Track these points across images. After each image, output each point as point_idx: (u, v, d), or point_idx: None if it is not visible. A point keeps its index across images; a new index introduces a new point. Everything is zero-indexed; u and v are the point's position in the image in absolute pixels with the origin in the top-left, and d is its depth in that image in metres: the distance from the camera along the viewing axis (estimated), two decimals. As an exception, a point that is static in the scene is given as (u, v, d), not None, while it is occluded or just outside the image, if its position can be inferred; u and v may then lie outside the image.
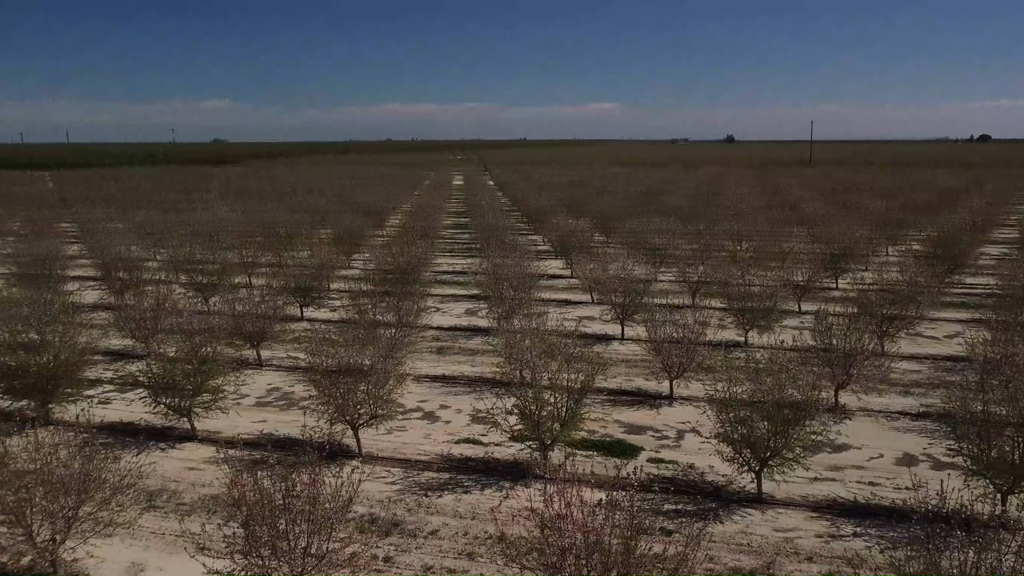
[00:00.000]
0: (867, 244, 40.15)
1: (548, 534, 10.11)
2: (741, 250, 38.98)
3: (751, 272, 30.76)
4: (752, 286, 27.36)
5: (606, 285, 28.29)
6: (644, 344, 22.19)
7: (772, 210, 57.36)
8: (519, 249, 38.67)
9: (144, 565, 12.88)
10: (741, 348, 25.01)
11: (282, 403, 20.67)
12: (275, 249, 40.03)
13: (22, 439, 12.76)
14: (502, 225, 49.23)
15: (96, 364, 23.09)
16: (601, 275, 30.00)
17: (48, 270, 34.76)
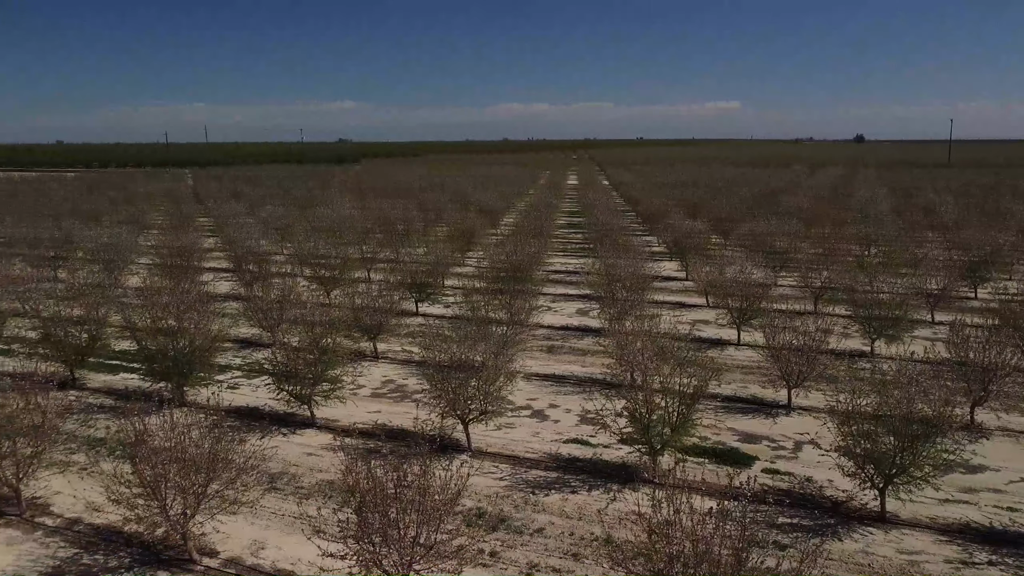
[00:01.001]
0: (1011, 252, 37.30)
1: (655, 540, 9.92)
2: (869, 255, 37.04)
3: (880, 278, 29.18)
4: (880, 293, 25.95)
5: (722, 288, 27.53)
6: (761, 350, 21.45)
7: (904, 214, 54.20)
8: (633, 250, 38.21)
9: (264, 543, 13.53)
10: (867, 358, 23.77)
11: (396, 395, 21.24)
12: (393, 245, 41.23)
13: (159, 418, 13.67)
14: (616, 225, 48.82)
15: (226, 351, 24.47)
16: (717, 278, 29.22)
17: (186, 261, 37.18)
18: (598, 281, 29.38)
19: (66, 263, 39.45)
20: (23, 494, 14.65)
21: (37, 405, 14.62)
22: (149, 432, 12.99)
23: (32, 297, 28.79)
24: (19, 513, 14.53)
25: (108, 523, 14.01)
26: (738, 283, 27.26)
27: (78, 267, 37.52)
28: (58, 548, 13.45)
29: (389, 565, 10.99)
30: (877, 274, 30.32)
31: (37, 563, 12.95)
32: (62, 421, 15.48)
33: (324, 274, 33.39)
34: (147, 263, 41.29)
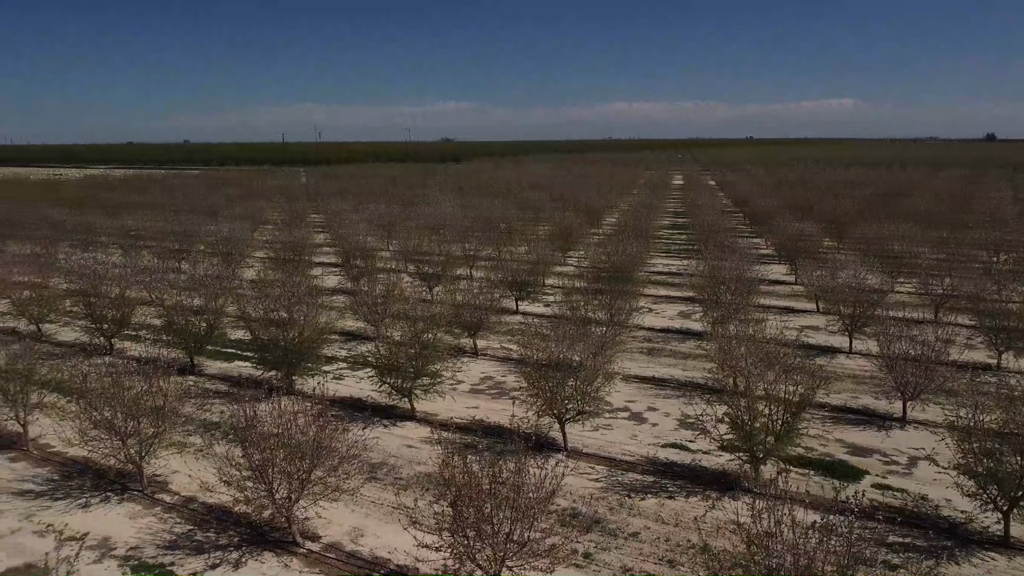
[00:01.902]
0: None
1: (755, 551, 9.60)
2: (999, 262, 34.69)
3: (1010, 287, 27.26)
4: (1010, 303, 24.22)
5: (834, 293, 26.38)
6: (875, 360, 20.43)
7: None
8: (739, 252, 37.17)
9: (363, 531, 13.91)
10: (992, 372, 22.26)
11: (494, 392, 21.41)
12: (495, 244, 41.62)
13: (269, 405, 14.27)
14: (722, 226, 47.61)
15: (333, 343, 25.31)
16: (829, 282, 28.03)
17: (297, 256, 38.72)
18: (702, 283, 28.74)
19: (188, 256, 41.78)
20: (145, 471, 15.59)
21: (159, 389, 15.52)
22: (259, 418, 13.58)
23: (158, 287, 30.67)
24: (141, 489, 15.49)
25: (220, 503, 14.74)
26: (851, 288, 26.06)
27: (199, 260, 39.70)
28: (174, 524, 14.25)
29: (482, 560, 11.09)
30: (1007, 282, 28.36)
31: (156, 537, 13.76)
32: (181, 404, 16.38)
33: (427, 271, 34.06)
34: (261, 257, 43.22)
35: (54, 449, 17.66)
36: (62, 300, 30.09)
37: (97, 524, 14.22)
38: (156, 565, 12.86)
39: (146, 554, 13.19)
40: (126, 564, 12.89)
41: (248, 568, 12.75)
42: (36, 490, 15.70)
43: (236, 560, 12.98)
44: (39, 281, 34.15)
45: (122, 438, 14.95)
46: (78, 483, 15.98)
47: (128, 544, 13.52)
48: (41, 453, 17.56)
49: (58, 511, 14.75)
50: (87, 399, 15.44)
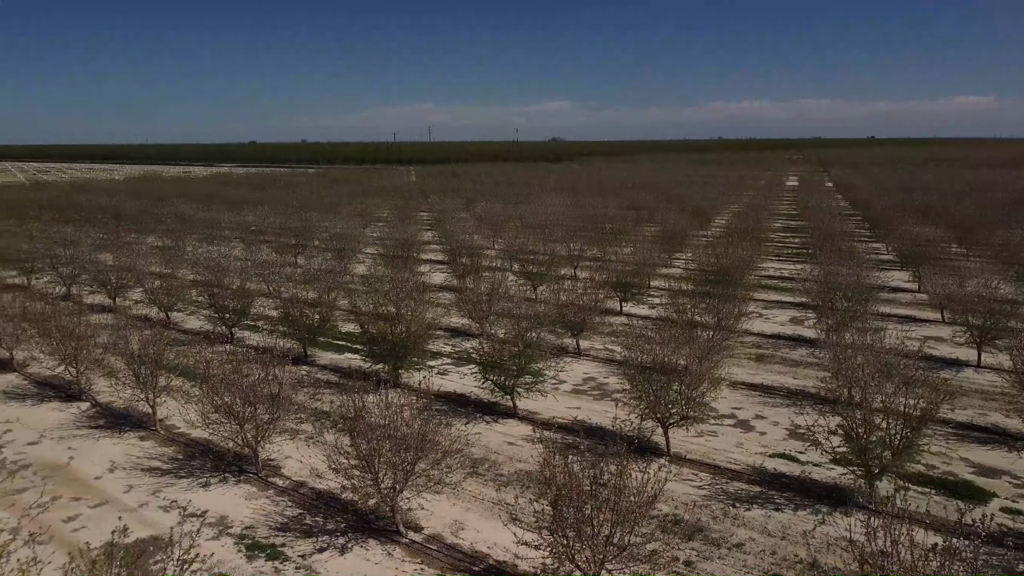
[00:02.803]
0: None
1: (868, 571, 9.13)
2: None
3: None
4: None
5: (962, 303, 24.78)
6: (1007, 375, 19.07)
7: None
8: (856, 257, 35.51)
9: (464, 524, 14.10)
10: None
11: (596, 393, 21.28)
12: (600, 244, 41.36)
13: (376, 397, 14.67)
14: (838, 230, 45.58)
15: (438, 339, 25.81)
16: (956, 291, 26.36)
17: (406, 253, 39.70)
18: (815, 289, 27.61)
19: (304, 251, 43.54)
20: (260, 455, 16.36)
21: (275, 377, 16.24)
22: (367, 409, 13.99)
23: (275, 280, 32.10)
24: (256, 472, 16.25)
25: (328, 489, 15.28)
26: (981, 297, 24.42)
27: (314, 255, 41.31)
28: (286, 507, 14.88)
29: (581, 561, 11.03)
30: None
31: (268, 518, 14.40)
32: (294, 393, 17.08)
33: (532, 270, 34.21)
34: (372, 253, 44.59)
35: (179, 430, 18.78)
36: (189, 290, 31.98)
37: (216, 503, 15.02)
38: (268, 545, 13.46)
39: (259, 534, 13.83)
40: (241, 542, 13.55)
41: (353, 554, 13.17)
42: (162, 468, 16.74)
43: (342, 545, 13.42)
44: (169, 272, 36.46)
45: (240, 422, 15.74)
46: (199, 463, 16.93)
47: (243, 523, 14.22)
48: (167, 433, 18.71)
49: (181, 488, 15.68)
50: (209, 384, 16.36)
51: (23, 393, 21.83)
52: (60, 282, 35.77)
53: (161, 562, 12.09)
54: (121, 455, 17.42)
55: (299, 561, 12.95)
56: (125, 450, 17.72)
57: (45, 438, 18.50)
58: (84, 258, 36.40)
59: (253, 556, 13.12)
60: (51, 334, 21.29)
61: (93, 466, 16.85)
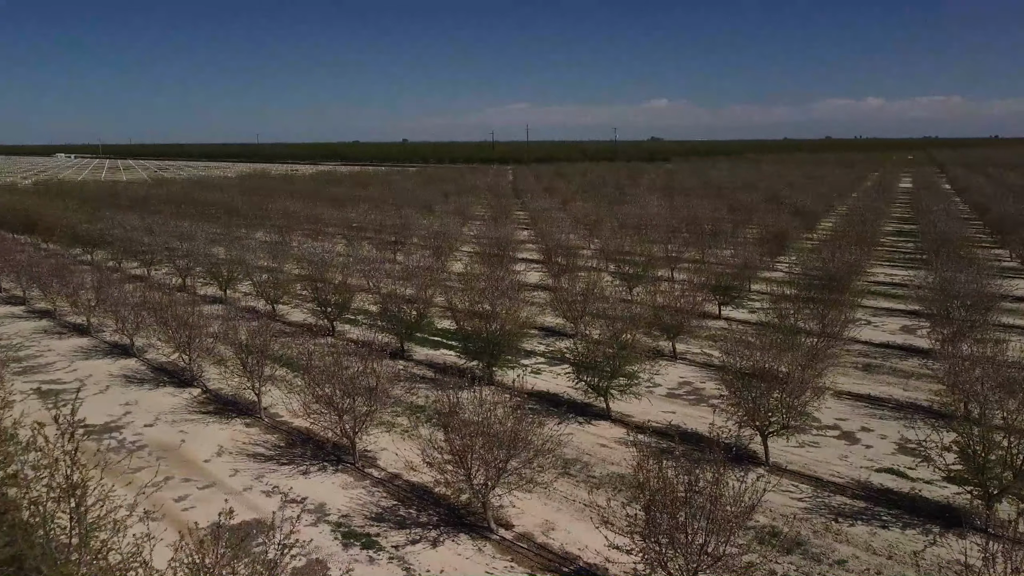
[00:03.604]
0: None
1: (986, 599, 8.56)
2: None
3: None
4: None
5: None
6: None
7: None
8: (976, 263, 33.44)
9: (554, 525, 14.05)
10: None
11: (692, 398, 20.82)
12: (699, 245, 40.51)
13: (470, 394, 14.80)
14: (957, 235, 43.08)
15: (532, 337, 25.84)
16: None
17: (502, 251, 39.96)
18: (930, 296, 26.16)
19: (403, 247, 44.47)
20: (357, 446, 16.78)
21: (373, 370, 16.61)
22: (461, 405, 14.13)
23: (375, 276, 32.89)
24: (353, 462, 16.68)
25: (422, 482, 15.52)
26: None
27: (412, 251, 42.13)
28: (381, 498, 15.21)
29: (674, 568, 10.79)
30: None
31: (364, 508, 14.76)
32: (391, 386, 17.43)
33: (628, 270, 33.82)
34: (468, 251, 45.11)
35: (282, 418, 19.50)
36: (293, 284, 33.17)
37: (315, 490, 15.50)
38: (363, 534, 13.79)
39: (355, 523, 14.19)
40: (338, 530, 13.94)
41: (445, 547, 13.33)
42: (265, 454, 17.41)
43: (434, 538, 13.61)
44: (275, 266, 37.94)
45: (339, 413, 16.19)
46: (300, 451, 17.52)
47: (340, 512, 14.61)
48: (271, 421, 19.45)
49: (283, 475, 16.26)
50: (311, 375, 16.90)
51: (141, 378, 23.17)
52: (176, 274, 37.80)
53: (263, 545, 12.55)
54: (228, 440, 18.23)
55: (392, 551, 13.21)
56: (232, 435, 18.54)
57: (160, 421, 19.57)
58: (198, 251, 38.34)
59: (349, 544, 13.47)
60: (167, 323, 22.49)
61: (202, 449, 17.71)
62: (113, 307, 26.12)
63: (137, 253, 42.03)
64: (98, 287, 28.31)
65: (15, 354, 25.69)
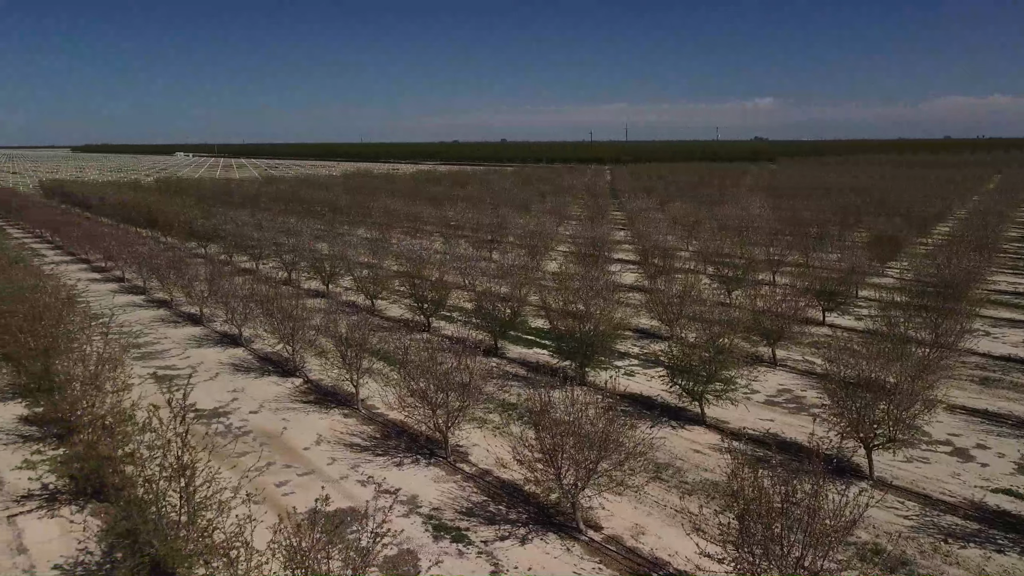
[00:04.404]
0: None
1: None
2: None
3: None
4: None
5: None
6: None
7: None
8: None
9: (645, 529, 13.85)
10: None
11: (791, 406, 20.12)
12: (803, 249, 39.13)
13: (562, 393, 14.77)
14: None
15: (626, 339, 25.56)
16: None
17: (597, 251, 39.71)
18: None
19: (499, 246, 44.83)
20: (449, 441, 17.02)
21: (466, 367, 16.81)
22: (552, 404, 14.12)
23: (471, 273, 33.30)
24: (445, 456, 16.93)
25: (511, 480, 15.60)
26: None
27: (508, 250, 42.39)
28: (471, 493, 15.37)
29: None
30: None
31: (455, 502, 14.95)
32: (484, 383, 17.59)
33: (727, 273, 33.01)
34: (563, 251, 45.03)
35: (378, 411, 20.00)
36: (392, 280, 33.97)
37: (407, 482, 15.82)
38: (453, 528, 13.97)
39: (445, 516, 14.40)
40: (428, 522, 14.17)
41: (533, 545, 13.35)
42: (361, 444, 17.89)
43: (523, 536, 13.65)
44: (375, 262, 38.96)
45: (432, 408, 16.46)
46: (394, 443, 17.91)
47: (431, 504, 14.86)
48: (368, 412, 19.98)
49: (377, 466, 16.67)
50: (406, 369, 17.26)
51: (248, 366, 24.22)
52: (283, 268, 39.35)
53: (356, 533, 12.91)
54: (327, 429, 18.84)
55: (481, 546, 13.33)
56: (330, 425, 19.14)
57: (264, 408, 20.40)
58: (303, 247, 39.81)
59: (439, 537, 13.67)
60: (273, 315, 23.43)
61: (302, 437, 18.36)
62: (224, 298, 27.44)
63: (247, 247, 44.01)
64: (210, 279, 29.80)
65: (135, 340, 27.34)
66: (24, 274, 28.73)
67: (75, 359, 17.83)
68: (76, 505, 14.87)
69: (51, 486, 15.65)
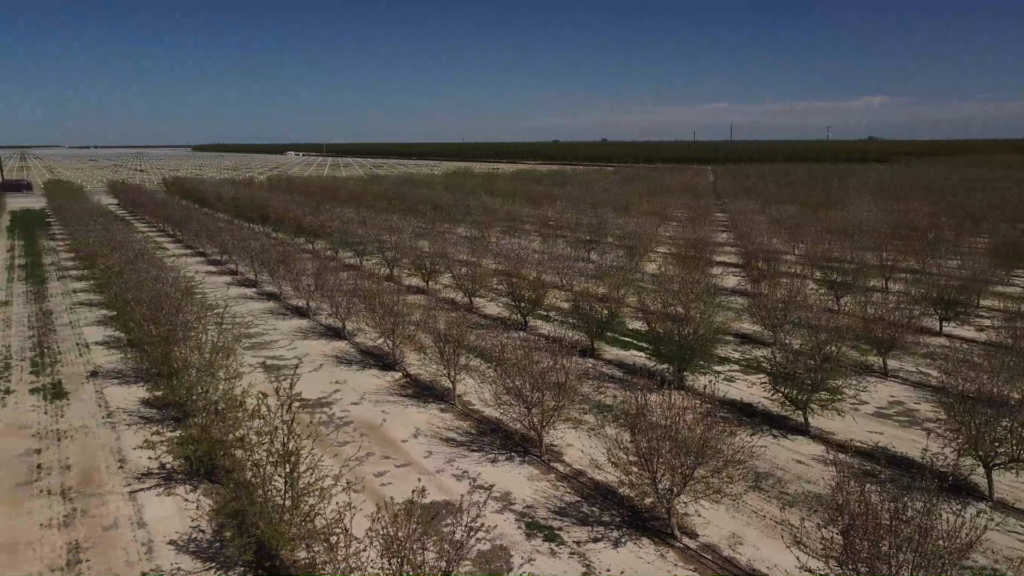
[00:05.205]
0: None
1: None
2: None
3: None
4: None
5: None
6: None
7: None
8: None
9: (743, 539, 13.47)
10: None
11: (903, 419, 19.15)
12: (918, 254, 37.17)
13: (658, 397, 14.56)
14: None
15: (727, 344, 24.96)
16: None
17: (698, 254, 38.89)
18: None
19: (597, 246, 44.56)
20: (544, 440, 17.05)
21: (562, 367, 16.80)
22: (649, 408, 13.93)
23: (568, 273, 33.25)
24: (539, 455, 16.97)
25: (605, 481, 15.49)
26: None
27: (606, 251, 42.12)
28: (565, 492, 15.35)
29: (874, 601, 9.98)
30: None
31: (548, 501, 14.97)
32: (580, 384, 17.53)
33: (835, 278, 31.71)
34: (663, 252, 44.37)
35: (474, 407, 20.24)
36: (490, 278, 34.30)
37: (501, 479, 15.94)
38: (546, 526, 13.99)
39: (538, 515, 14.43)
40: (521, 520, 14.24)
41: (626, 549, 13.21)
42: (457, 439, 18.16)
43: (616, 539, 13.53)
44: (474, 260, 39.44)
45: (528, 406, 16.54)
46: (489, 440, 18.09)
47: (525, 502, 14.92)
48: (464, 408, 20.25)
49: (472, 461, 16.87)
50: (503, 367, 17.40)
51: (350, 359, 24.98)
52: (385, 264, 40.39)
53: (451, 526, 13.10)
54: (424, 423, 19.21)
55: (574, 547, 13.29)
56: (427, 419, 19.51)
57: (365, 400, 21.00)
58: (405, 244, 40.73)
59: (532, 535, 13.72)
60: (375, 310, 24.08)
61: (401, 430, 18.79)
62: (329, 293, 28.40)
63: (351, 244, 45.40)
64: (317, 274, 30.90)
65: (246, 331, 28.66)
66: (148, 266, 30.58)
67: (192, 347, 18.88)
68: (190, 485, 15.72)
69: (168, 466, 16.60)
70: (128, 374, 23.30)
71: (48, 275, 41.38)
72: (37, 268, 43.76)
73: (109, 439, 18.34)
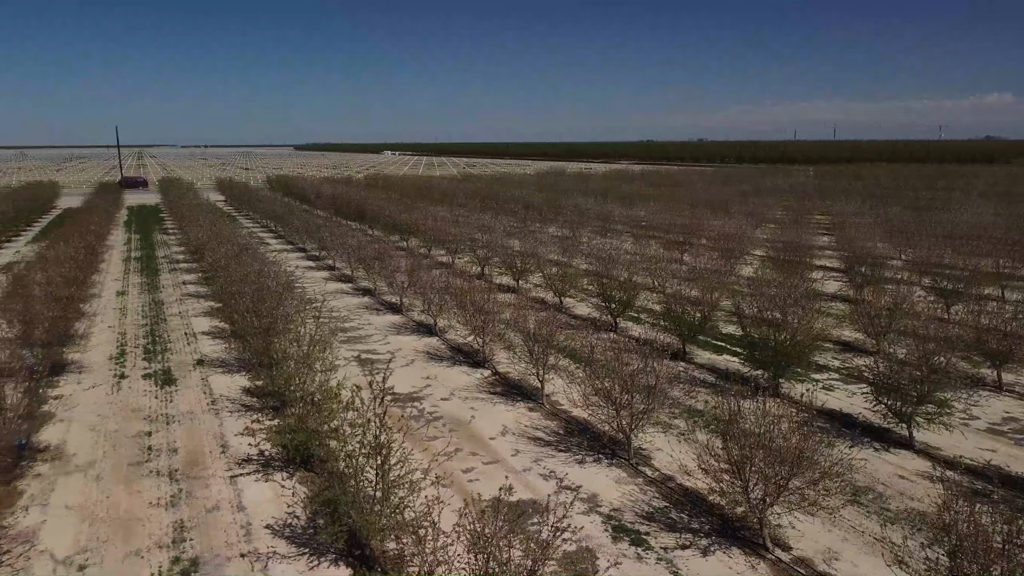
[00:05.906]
0: None
1: None
2: None
3: None
4: None
5: None
6: None
7: None
8: None
9: (839, 555, 12.95)
10: None
11: (1019, 436, 17.98)
12: (1039, 262, 34.85)
13: (752, 404, 14.15)
14: None
15: (826, 351, 24.05)
16: None
17: (797, 257, 37.62)
18: None
19: (691, 248, 43.74)
20: (632, 443, 16.85)
21: (653, 369, 16.56)
22: (742, 415, 13.56)
23: (660, 275, 32.76)
24: (627, 458, 16.78)
25: (695, 488, 15.18)
26: None
27: (700, 253, 41.27)
28: (653, 497, 15.12)
29: (983, 629, 9.41)
30: None
31: (635, 505, 14.78)
32: (670, 387, 17.24)
33: (946, 286, 30.09)
34: (760, 255, 43.13)
35: (562, 407, 20.19)
36: (581, 278, 34.16)
37: (588, 480, 15.85)
38: (633, 531, 13.82)
39: (625, 518, 14.27)
40: (608, 523, 14.12)
41: (715, 558, 12.90)
42: (544, 439, 18.16)
43: (704, 547, 13.23)
44: (565, 260, 39.36)
45: (617, 408, 16.37)
46: (577, 440, 18.01)
47: (611, 505, 14.78)
48: (552, 408, 20.24)
49: (559, 461, 16.84)
50: (592, 368, 17.29)
51: (440, 355, 25.36)
52: (476, 262, 40.81)
53: (537, 525, 13.11)
54: (512, 421, 19.30)
55: (661, 553, 13.08)
56: (515, 417, 19.59)
57: (454, 396, 21.27)
58: (496, 243, 41.04)
59: (618, 538, 13.58)
60: (466, 307, 24.36)
61: (489, 427, 18.94)
62: (421, 290, 28.92)
63: (444, 242, 46.09)
64: (410, 271, 31.51)
65: (342, 325, 29.51)
66: (251, 260, 31.90)
67: (291, 339, 19.55)
68: (287, 472, 16.30)
69: (266, 453, 17.27)
70: (231, 363, 24.37)
71: (160, 267, 43.76)
72: (151, 260, 46.35)
73: (213, 425, 19.23)
